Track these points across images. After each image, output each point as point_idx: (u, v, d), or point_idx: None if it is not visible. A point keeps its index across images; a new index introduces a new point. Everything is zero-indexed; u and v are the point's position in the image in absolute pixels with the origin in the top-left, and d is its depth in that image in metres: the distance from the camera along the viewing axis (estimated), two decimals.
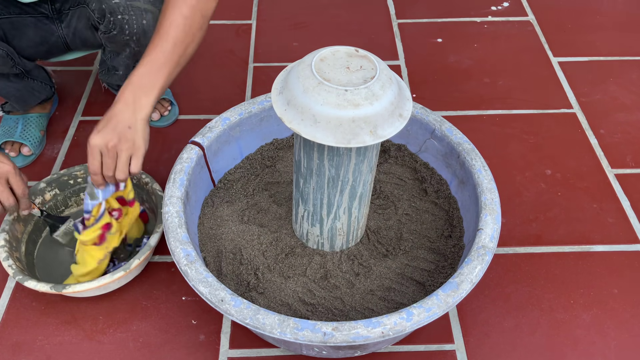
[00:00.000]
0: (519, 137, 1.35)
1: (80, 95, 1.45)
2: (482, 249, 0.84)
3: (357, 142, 0.72)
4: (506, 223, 1.17)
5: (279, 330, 0.75)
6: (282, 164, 1.11)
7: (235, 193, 1.06)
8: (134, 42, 1.11)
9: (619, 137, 1.35)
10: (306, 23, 1.69)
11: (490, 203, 0.90)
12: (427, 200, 1.05)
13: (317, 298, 0.91)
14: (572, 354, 0.98)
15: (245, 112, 1.05)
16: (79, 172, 1.11)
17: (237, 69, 1.53)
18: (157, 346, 0.98)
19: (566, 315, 1.03)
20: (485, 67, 1.54)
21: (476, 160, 0.96)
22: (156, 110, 1.36)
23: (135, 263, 0.96)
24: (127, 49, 1.14)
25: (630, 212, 1.19)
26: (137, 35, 1.09)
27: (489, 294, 1.05)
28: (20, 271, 0.97)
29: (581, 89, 1.48)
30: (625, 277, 1.08)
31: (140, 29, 1.08)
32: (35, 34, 1.12)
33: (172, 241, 0.85)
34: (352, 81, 0.72)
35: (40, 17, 1.12)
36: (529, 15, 1.72)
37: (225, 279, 0.93)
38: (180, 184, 0.93)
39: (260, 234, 0.98)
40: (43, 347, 0.98)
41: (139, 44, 1.12)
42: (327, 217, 0.89)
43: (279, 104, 0.75)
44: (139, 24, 1.07)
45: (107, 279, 0.95)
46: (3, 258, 0.97)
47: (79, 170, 1.11)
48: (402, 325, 0.75)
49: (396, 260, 0.96)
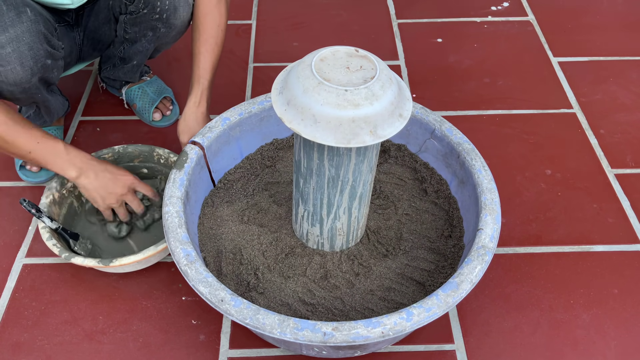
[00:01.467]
0: (519, 137, 1.35)
1: (80, 96, 1.45)
2: (482, 249, 0.84)
3: (357, 142, 0.72)
4: (506, 223, 1.17)
5: (279, 330, 0.75)
6: (282, 164, 1.11)
7: (235, 193, 1.06)
8: (162, 22, 1.11)
9: (619, 137, 1.35)
10: (306, 23, 1.69)
11: (490, 203, 0.90)
12: (427, 200, 1.05)
13: (317, 298, 0.91)
14: (572, 354, 0.98)
15: (245, 112, 1.05)
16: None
17: (237, 69, 1.53)
18: (157, 346, 0.98)
19: (566, 315, 1.03)
20: (485, 67, 1.54)
21: (476, 160, 0.96)
22: (158, 111, 1.36)
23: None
24: (150, 32, 1.14)
25: (630, 212, 1.19)
26: (168, 12, 1.09)
27: (489, 294, 1.05)
28: (65, 249, 0.99)
29: (581, 89, 1.48)
30: (625, 277, 1.08)
31: (171, 6, 1.08)
32: (67, 43, 1.12)
33: (172, 241, 0.85)
34: (352, 81, 0.72)
35: (66, 26, 1.11)
36: (529, 15, 1.72)
37: (225, 279, 0.93)
38: (180, 184, 0.93)
39: (260, 234, 0.98)
40: (43, 347, 0.98)
41: (167, 24, 1.12)
42: (327, 217, 0.89)
43: (279, 104, 0.75)
44: (170, 0, 1.07)
45: (151, 250, 0.98)
46: (46, 238, 0.99)
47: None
48: (402, 325, 0.75)
49: (396, 260, 0.96)
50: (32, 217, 1.17)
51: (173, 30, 1.14)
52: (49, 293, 1.05)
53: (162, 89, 1.39)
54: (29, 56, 0.91)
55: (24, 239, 1.13)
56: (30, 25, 0.90)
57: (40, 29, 0.92)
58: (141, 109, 1.35)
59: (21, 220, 1.17)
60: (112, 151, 1.13)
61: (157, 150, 1.13)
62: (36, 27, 0.91)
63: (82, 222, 1.12)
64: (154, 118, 1.35)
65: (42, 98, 1.09)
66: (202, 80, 1.07)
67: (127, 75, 1.31)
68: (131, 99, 1.36)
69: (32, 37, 0.90)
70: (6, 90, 0.93)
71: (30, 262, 1.10)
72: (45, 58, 0.95)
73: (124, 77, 1.31)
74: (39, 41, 0.92)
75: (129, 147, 1.13)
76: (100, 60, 1.33)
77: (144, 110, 1.35)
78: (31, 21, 0.90)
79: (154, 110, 1.35)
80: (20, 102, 0.98)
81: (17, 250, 1.12)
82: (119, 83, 1.36)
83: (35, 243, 1.13)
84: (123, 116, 1.39)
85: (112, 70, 1.31)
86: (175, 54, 1.56)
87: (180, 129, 1.08)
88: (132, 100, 1.36)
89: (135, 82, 1.36)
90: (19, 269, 1.09)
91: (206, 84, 1.08)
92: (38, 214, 1.00)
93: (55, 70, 1.01)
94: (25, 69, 0.92)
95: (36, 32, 0.91)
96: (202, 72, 1.07)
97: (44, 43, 0.94)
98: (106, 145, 1.30)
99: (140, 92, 1.35)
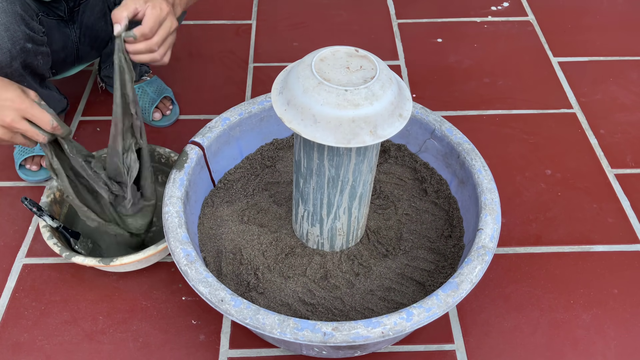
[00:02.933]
0: (519, 137, 1.35)
1: (80, 96, 1.45)
2: (482, 249, 0.84)
3: (357, 142, 0.72)
4: (506, 223, 1.17)
5: (279, 330, 0.75)
6: (282, 164, 1.11)
7: (235, 193, 1.06)
8: None
9: (619, 137, 1.35)
10: (306, 23, 1.69)
11: (490, 203, 0.90)
12: (427, 200, 1.05)
13: (317, 298, 0.91)
14: (572, 354, 0.98)
15: (245, 112, 1.05)
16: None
17: (237, 69, 1.53)
18: (157, 346, 0.98)
19: (566, 315, 1.03)
20: (485, 67, 1.54)
21: (476, 160, 0.97)
22: (158, 110, 1.36)
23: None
24: None
25: (630, 212, 1.19)
26: None
27: (489, 294, 1.05)
28: (66, 248, 0.99)
29: (581, 89, 1.48)
30: (625, 277, 1.08)
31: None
32: (58, 37, 1.11)
33: (172, 241, 0.85)
34: (352, 81, 0.72)
35: (58, 20, 1.10)
36: (529, 15, 1.72)
37: (225, 279, 0.93)
38: (180, 184, 0.93)
39: (260, 234, 0.98)
40: (43, 347, 0.98)
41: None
42: (327, 217, 0.89)
43: (279, 104, 0.75)
44: None
45: (151, 250, 0.98)
46: (47, 237, 1.00)
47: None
48: (402, 325, 0.75)
49: (396, 260, 0.96)
50: (32, 217, 1.17)
51: None
52: (49, 293, 1.05)
53: (162, 88, 1.39)
54: (5, 37, 0.89)
55: (24, 239, 1.13)
56: (6, 6, 0.88)
57: (17, 9, 0.90)
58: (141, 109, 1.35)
59: (21, 220, 1.17)
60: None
61: (157, 149, 1.13)
62: (12, 7, 0.89)
63: (83, 221, 1.12)
64: (154, 118, 1.35)
65: (34, 91, 1.07)
66: None
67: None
68: None
69: (7, 18, 0.88)
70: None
71: (30, 262, 1.10)
72: (25, 41, 0.93)
73: None
74: (16, 22, 0.90)
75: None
76: (100, 59, 1.33)
77: (143, 110, 1.35)
78: (7, 1, 0.88)
79: (153, 110, 1.35)
80: None
81: (17, 250, 1.12)
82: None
83: (35, 243, 1.13)
84: None
85: (111, 69, 1.30)
86: (176, 54, 1.56)
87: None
88: None
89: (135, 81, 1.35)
90: (19, 269, 1.09)
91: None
92: (39, 212, 1.01)
93: (40, 57, 0.99)
94: (4, 51, 0.90)
95: (12, 13, 0.89)
96: None
97: (22, 25, 0.91)
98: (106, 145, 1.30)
99: (140, 92, 1.35)
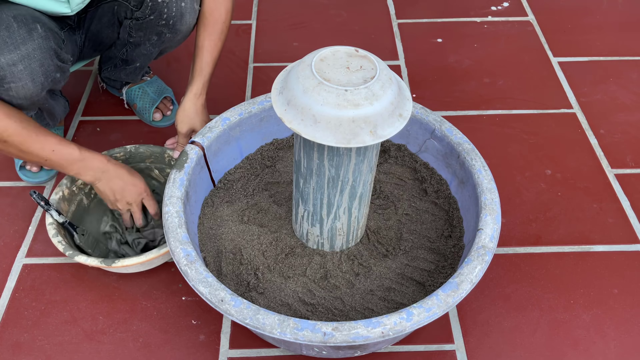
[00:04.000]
0: (519, 137, 1.35)
1: (80, 96, 1.45)
2: (482, 249, 0.84)
3: (357, 142, 0.72)
4: (506, 223, 1.17)
5: (279, 330, 0.75)
6: (282, 164, 1.11)
7: (235, 193, 1.06)
8: (167, 28, 1.12)
9: (619, 137, 1.35)
10: (306, 23, 1.69)
11: (490, 203, 0.90)
12: (427, 200, 1.05)
13: (317, 298, 0.91)
14: (572, 354, 0.98)
15: (245, 112, 1.05)
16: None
17: (237, 69, 1.53)
18: (157, 346, 0.98)
19: (566, 315, 1.03)
20: (485, 67, 1.54)
21: (476, 160, 0.96)
22: (158, 111, 1.36)
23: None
24: (155, 36, 1.15)
25: (630, 212, 1.19)
26: (175, 19, 1.09)
27: (489, 294, 1.05)
28: (70, 247, 0.99)
29: (581, 89, 1.48)
30: (625, 277, 1.08)
31: (178, 12, 1.09)
32: (70, 46, 1.11)
33: (172, 241, 0.85)
34: (352, 81, 0.72)
35: (68, 29, 1.11)
36: (529, 16, 1.72)
37: (225, 279, 0.93)
38: (180, 184, 0.93)
39: (260, 234, 0.98)
40: (43, 347, 0.98)
41: (172, 30, 1.12)
42: (327, 217, 0.89)
43: (279, 104, 0.75)
44: (178, 7, 1.08)
45: (153, 253, 0.98)
46: (52, 235, 1.00)
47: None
48: (402, 325, 0.75)
49: (396, 260, 0.96)
50: (32, 217, 1.17)
51: (178, 35, 1.14)
52: (49, 293, 1.05)
53: (162, 89, 1.39)
54: (39, 72, 0.92)
55: (24, 239, 1.13)
56: (42, 42, 0.90)
57: (51, 44, 0.92)
58: (141, 109, 1.35)
59: (21, 220, 1.17)
60: (124, 150, 1.13)
61: (168, 151, 1.14)
62: (47, 43, 0.91)
63: (90, 219, 1.12)
64: (155, 118, 1.35)
65: (48, 106, 1.11)
66: (204, 72, 1.09)
67: (129, 76, 1.31)
68: (131, 99, 1.36)
69: (42, 54, 0.91)
70: (16, 103, 0.94)
71: (30, 262, 1.10)
72: (55, 72, 0.96)
73: (125, 78, 1.31)
74: (49, 57, 0.93)
75: (140, 148, 1.14)
76: (101, 60, 1.33)
77: (144, 110, 1.35)
78: (42, 38, 0.90)
79: (154, 110, 1.35)
80: (24, 109, 0.99)
81: (17, 250, 1.12)
82: (119, 83, 1.36)
83: (35, 243, 1.13)
84: (123, 116, 1.39)
85: (113, 71, 1.31)
86: (175, 54, 1.56)
87: (180, 119, 1.10)
88: (133, 100, 1.36)
89: (135, 82, 1.36)
90: (19, 269, 1.09)
91: (207, 77, 1.10)
92: (47, 206, 1.01)
93: (62, 80, 1.02)
94: (36, 85, 0.93)
95: (47, 49, 0.92)
96: (204, 65, 1.09)
97: (54, 58, 0.94)
98: (106, 145, 1.31)
99: (141, 92, 1.35)
